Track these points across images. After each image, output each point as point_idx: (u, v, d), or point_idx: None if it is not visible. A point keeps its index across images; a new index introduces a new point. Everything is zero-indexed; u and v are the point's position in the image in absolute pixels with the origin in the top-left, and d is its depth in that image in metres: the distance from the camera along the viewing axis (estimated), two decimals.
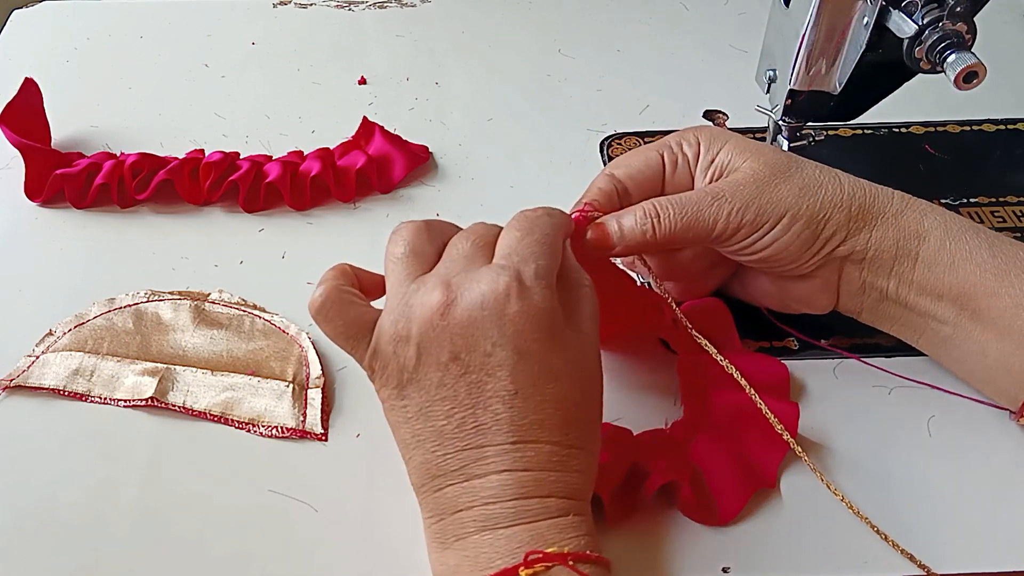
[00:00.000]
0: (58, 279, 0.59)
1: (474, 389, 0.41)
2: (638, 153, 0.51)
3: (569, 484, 0.41)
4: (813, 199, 0.48)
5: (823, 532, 0.47)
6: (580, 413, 0.42)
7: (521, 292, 0.40)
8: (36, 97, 0.67)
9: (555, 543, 0.39)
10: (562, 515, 0.40)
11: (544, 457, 0.41)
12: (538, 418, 0.41)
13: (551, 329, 0.41)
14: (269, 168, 0.63)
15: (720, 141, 0.50)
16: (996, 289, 0.47)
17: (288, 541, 0.46)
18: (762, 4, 0.58)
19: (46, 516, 0.47)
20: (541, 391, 0.41)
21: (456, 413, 0.41)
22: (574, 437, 0.41)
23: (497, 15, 0.83)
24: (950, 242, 0.48)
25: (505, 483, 0.40)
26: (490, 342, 0.40)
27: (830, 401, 0.52)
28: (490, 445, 0.41)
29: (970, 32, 0.49)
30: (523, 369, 0.40)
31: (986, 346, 0.48)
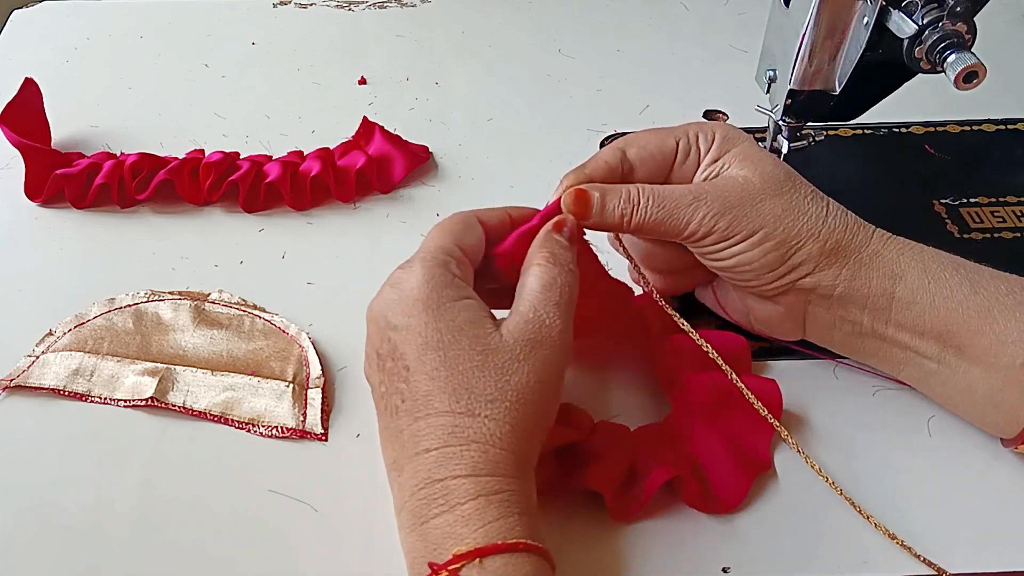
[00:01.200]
0: (58, 279, 0.59)
1: (391, 376, 0.42)
2: (656, 136, 0.50)
3: (467, 459, 0.40)
4: (792, 224, 0.47)
5: (823, 532, 0.47)
6: (471, 378, 0.41)
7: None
8: (36, 97, 0.67)
9: (460, 539, 0.38)
10: (466, 499, 0.39)
11: (439, 432, 0.41)
12: (428, 389, 0.41)
13: (428, 298, 0.42)
14: (269, 168, 0.63)
15: (732, 144, 0.50)
16: (980, 327, 0.46)
17: (288, 541, 0.46)
18: (762, 4, 0.58)
19: (46, 516, 0.47)
20: (427, 362, 0.41)
21: (388, 402, 0.43)
22: (465, 403, 0.41)
23: (497, 15, 0.83)
24: (929, 281, 0.47)
25: (415, 470, 0.41)
26: (388, 328, 0.43)
27: (830, 401, 0.52)
28: (404, 428, 0.41)
29: (970, 32, 0.49)
30: (409, 343, 0.42)
31: (973, 382, 0.47)
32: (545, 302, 0.43)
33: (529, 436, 0.42)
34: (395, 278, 0.44)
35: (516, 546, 0.38)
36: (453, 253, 0.45)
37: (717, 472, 0.48)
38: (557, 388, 0.44)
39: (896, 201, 0.64)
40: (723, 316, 0.54)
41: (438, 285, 0.43)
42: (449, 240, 0.45)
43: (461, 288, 0.44)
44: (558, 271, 0.44)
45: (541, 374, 0.42)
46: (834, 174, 0.66)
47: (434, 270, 0.43)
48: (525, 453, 0.42)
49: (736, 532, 0.47)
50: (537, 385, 0.42)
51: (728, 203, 0.47)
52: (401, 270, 0.44)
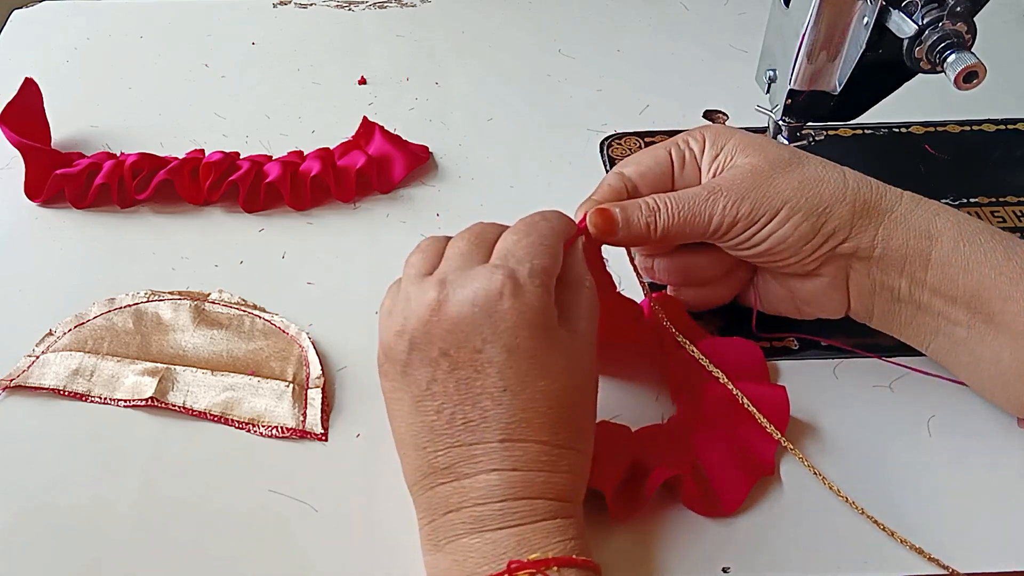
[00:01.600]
0: (58, 279, 0.59)
1: (463, 385, 0.41)
2: (647, 152, 0.51)
3: (558, 485, 0.41)
4: (813, 192, 0.47)
5: (823, 532, 0.47)
6: (570, 413, 0.42)
7: (514, 290, 0.41)
8: (36, 97, 0.67)
9: (541, 548, 0.39)
10: (550, 518, 0.40)
11: (532, 457, 0.41)
12: (527, 416, 0.41)
13: (543, 327, 0.41)
14: (269, 168, 0.63)
15: (724, 137, 0.50)
16: (1011, 292, 0.46)
17: (288, 541, 0.46)
18: (762, 4, 0.58)
19: (46, 516, 0.47)
20: (531, 389, 0.41)
21: (446, 409, 0.41)
22: (563, 437, 0.41)
23: (497, 15, 0.83)
24: (964, 244, 0.47)
25: (493, 484, 0.40)
26: (480, 338, 0.41)
27: (830, 401, 0.52)
28: (479, 443, 0.41)
29: (970, 32, 0.49)
30: (513, 366, 0.41)
31: (1000, 351, 0.47)
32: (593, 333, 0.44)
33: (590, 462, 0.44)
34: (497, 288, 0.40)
35: (588, 563, 0.40)
36: (553, 280, 0.43)
37: (718, 474, 0.48)
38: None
39: None
40: (769, 313, 0.54)
41: (551, 313, 0.42)
42: (552, 262, 0.43)
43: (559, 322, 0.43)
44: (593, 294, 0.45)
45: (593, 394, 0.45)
46: None
47: (546, 297, 0.41)
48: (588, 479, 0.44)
49: (736, 532, 0.47)
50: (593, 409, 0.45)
51: (744, 189, 0.47)
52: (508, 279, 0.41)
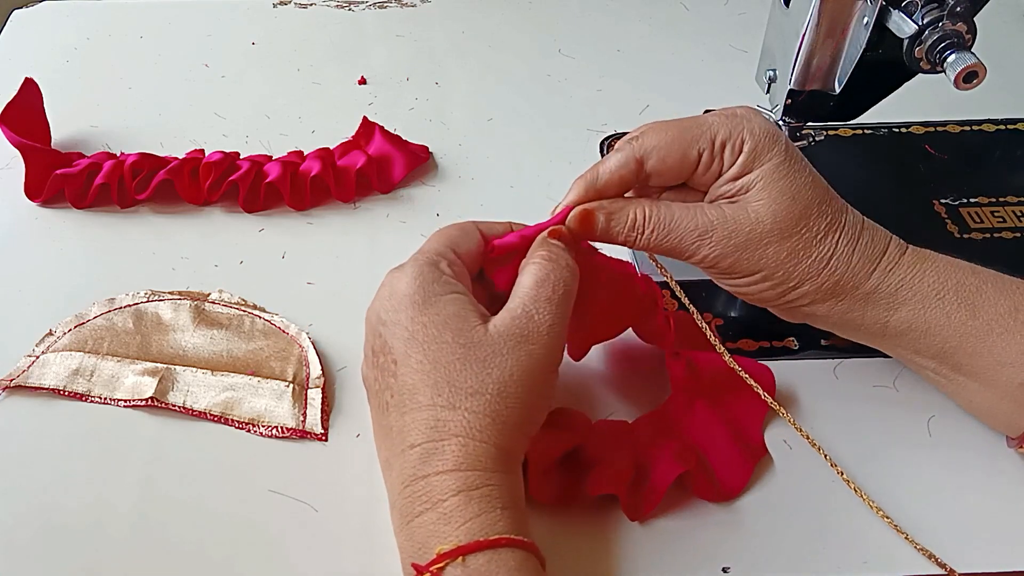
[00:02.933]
0: (58, 279, 0.59)
1: (382, 372, 0.43)
2: (677, 144, 0.47)
3: (449, 453, 0.40)
4: (792, 268, 0.47)
5: (823, 532, 0.47)
6: (452, 371, 0.41)
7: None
8: (36, 97, 0.67)
9: (443, 538, 0.39)
10: (447, 496, 0.39)
11: (423, 427, 0.41)
12: (412, 383, 0.41)
13: (415, 294, 0.43)
14: (269, 168, 0.63)
15: (758, 161, 0.46)
16: (977, 348, 0.46)
17: (288, 541, 0.46)
18: (762, 4, 0.58)
19: (46, 516, 0.47)
20: (412, 356, 0.42)
21: (380, 399, 0.43)
22: (447, 396, 0.41)
23: (497, 15, 0.83)
24: (925, 311, 0.46)
25: (401, 468, 0.41)
26: (380, 324, 0.43)
27: (830, 401, 0.52)
28: (393, 424, 0.42)
29: (970, 32, 0.49)
30: (396, 337, 0.42)
31: (972, 394, 0.48)
32: (536, 298, 0.43)
33: (513, 430, 0.42)
34: (388, 278, 0.45)
35: (498, 542, 0.38)
36: (445, 254, 0.45)
37: (720, 459, 0.48)
38: (545, 384, 0.43)
39: (896, 201, 0.64)
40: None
41: (426, 281, 0.43)
42: (443, 243, 0.45)
43: (449, 284, 0.44)
44: (552, 267, 0.44)
45: (526, 369, 0.42)
46: (834, 174, 0.66)
47: (423, 267, 0.44)
48: (509, 448, 0.42)
49: (736, 532, 0.47)
50: (521, 379, 0.42)
51: (734, 245, 0.46)
52: (395, 270, 0.45)
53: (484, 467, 0.40)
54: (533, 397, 0.43)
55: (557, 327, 0.43)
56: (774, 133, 0.47)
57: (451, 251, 0.45)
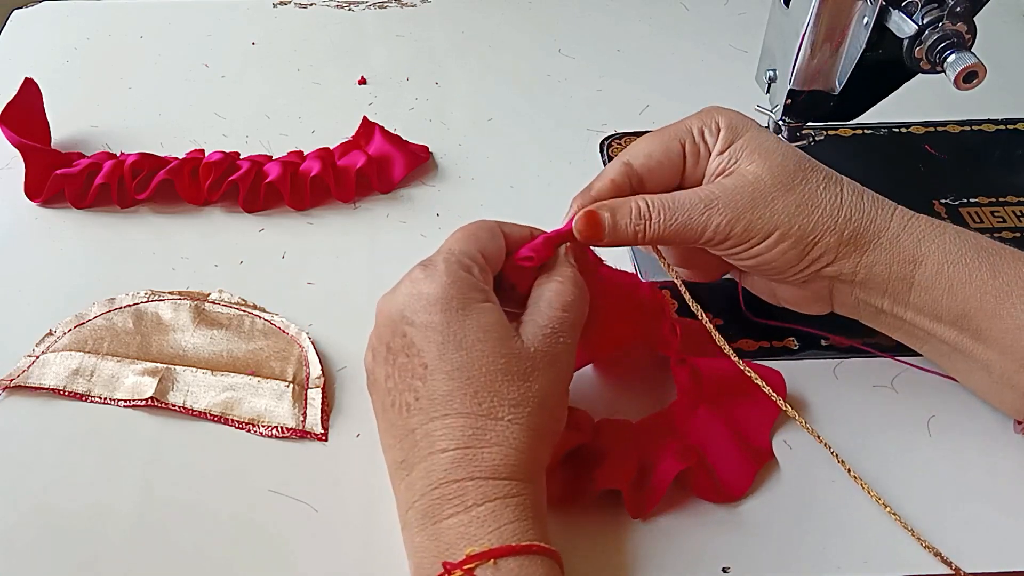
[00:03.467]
0: (58, 279, 0.59)
1: (403, 372, 0.42)
2: (660, 141, 0.49)
3: (486, 462, 0.40)
4: (807, 219, 0.47)
5: (823, 532, 0.46)
6: (491, 382, 0.41)
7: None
8: (36, 97, 0.67)
9: (476, 539, 0.39)
10: (482, 501, 0.39)
11: (458, 432, 0.41)
12: (448, 389, 0.41)
13: (451, 298, 0.42)
14: (269, 168, 0.63)
15: (737, 132, 0.48)
16: (997, 310, 0.46)
17: (288, 541, 0.46)
18: (762, 4, 0.58)
19: (46, 516, 0.47)
20: (448, 362, 0.41)
21: (397, 398, 0.42)
22: (487, 407, 0.41)
23: (497, 15, 0.83)
24: (948, 266, 0.47)
25: (428, 470, 0.41)
26: (405, 323, 0.43)
27: (830, 401, 0.52)
28: (418, 427, 0.41)
29: (970, 32, 0.49)
30: (429, 340, 0.42)
31: (989, 364, 0.47)
32: (563, 321, 0.44)
33: (543, 441, 0.43)
34: (416, 276, 0.44)
35: (530, 548, 0.39)
36: (476, 259, 0.45)
37: (722, 461, 0.48)
38: (567, 397, 0.45)
39: (896, 201, 0.64)
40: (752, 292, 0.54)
41: (463, 287, 0.43)
42: (474, 245, 0.45)
43: (485, 292, 0.44)
44: (578, 292, 0.45)
45: (557, 384, 0.43)
46: None
47: (458, 271, 0.43)
48: (540, 458, 0.42)
49: (736, 532, 0.47)
50: (556, 393, 0.43)
51: (740, 207, 0.47)
52: (423, 268, 0.44)
53: (519, 477, 0.41)
54: (561, 409, 0.44)
55: (575, 349, 0.45)
56: (744, 116, 0.50)
57: (480, 256, 0.45)
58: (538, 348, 0.43)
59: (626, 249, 0.60)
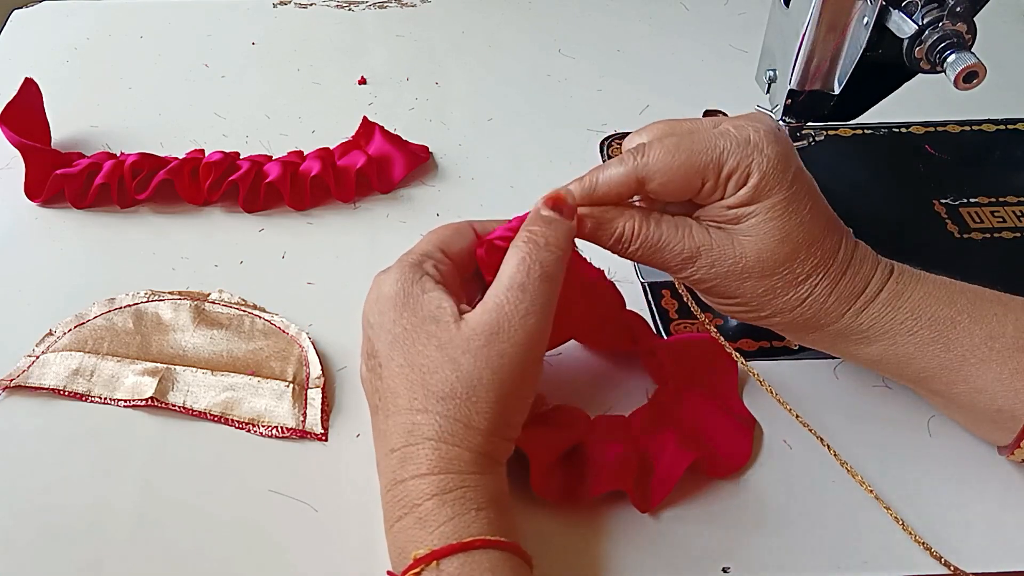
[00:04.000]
0: (58, 279, 0.59)
1: (372, 374, 0.43)
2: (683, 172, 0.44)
3: (421, 457, 0.40)
4: (768, 302, 0.46)
5: (823, 532, 0.46)
6: (424, 374, 0.41)
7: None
8: (36, 97, 0.67)
9: (419, 543, 0.38)
10: (422, 500, 0.39)
11: (401, 431, 0.41)
12: (392, 386, 0.41)
13: (399, 293, 0.42)
14: (269, 168, 0.63)
15: (762, 195, 0.44)
16: (952, 379, 0.46)
17: (288, 541, 0.46)
18: (762, 4, 0.58)
19: (46, 516, 0.47)
20: (393, 358, 0.42)
21: (371, 401, 0.44)
22: (421, 401, 0.41)
23: (497, 15, 0.83)
24: (898, 346, 0.46)
25: (384, 471, 0.41)
26: (368, 327, 0.44)
27: (830, 401, 0.52)
28: (381, 427, 0.42)
29: (970, 32, 0.49)
30: (381, 339, 0.42)
31: (952, 413, 0.49)
32: (509, 286, 0.41)
33: (487, 435, 0.41)
34: (376, 280, 0.44)
35: (472, 544, 0.38)
36: (432, 254, 0.44)
37: (720, 436, 0.49)
38: (522, 382, 0.42)
39: (896, 201, 0.64)
40: None
41: (407, 282, 0.43)
42: (432, 244, 0.45)
43: (430, 284, 0.43)
44: (529, 248, 0.42)
45: (496, 368, 0.40)
46: (834, 174, 0.66)
47: (406, 268, 0.43)
48: (485, 451, 0.41)
49: (736, 532, 0.46)
50: (492, 382, 0.40)
51: (715, 273, 0.46)
52: (382, 272, 0.45)
53: (458, 470, 0.40)
54: (509, 398, 0.41)
55: (533, 316, 0.41)
56: (784, 166, 0.44)
57: (439, 251, 0.45)
58: (474, 329, 0.40)
59: None
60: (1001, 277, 0.57)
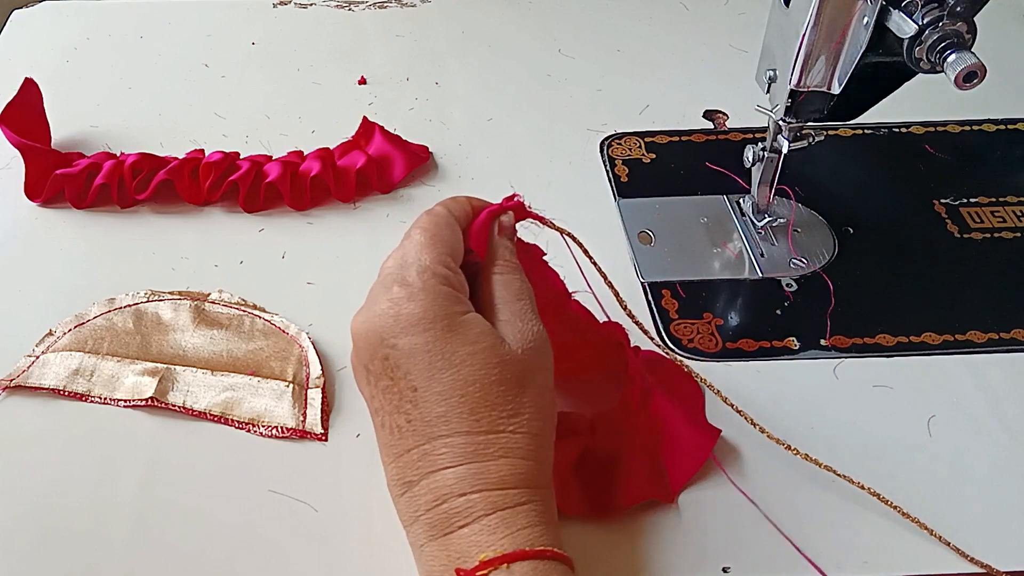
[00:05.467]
0: (58, 279, 0.59)
1: (389, 395, 0.41)
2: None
3: (494, 474, 0.40)
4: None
5: (823, 532, 0.46)
6: (487, 396, 0.40)
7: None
8: (36, 97, 0.67)
9: (488, 546, 0.38)
10: (492, 511, 0.39)
11: (459, 451, 0.40)
12: (442, 411, 0.40)
13: (434, 318, 0.41)
14: (269, 168, 0.63)
15: None
16: None
17: (288, 541, 0.46)
18: (762, 4, 0.58)
19: (46, 516, 0.47)
20: (438, 382, 0.40)
21: (385, 420, 0.42)
22: (487, 422, 0.40)
23: (497, 15, 0.83)
24: None
25: (431, 487, 0.40)
26: (386, 346, 0.41)
27: (830, 401, 0.52)
28: (414, 448, 0.41)
29: (970, 32, 0.49)
30: (416, 364, 0.40)
31: None
32: (523, 310, 0.43)
33: (547, 442, 0.42)
34: (393, 295, 0.41)
35: (543, 553, 0.38)
36: (451, 266, 0.43)
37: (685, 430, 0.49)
38: (554, 393, 0.44)
39: (896, 201, 0.64)
40: None
41: (445, 302, 0.41)
42: (444, 250, 0.43)
43: (465, 303, 0.42)
44: (520, 277, 0.44)
45: (547, 380, 0.42)
46: (834, 174, 0.66)
47: (439, 287, 0.41)
48: (545, 460, 0.42)
49: (736, 532, 0.47)
50: (545, 390, 0.42)
51: None
52: (399, 287, 0.42)
53: (528, 484, 0.40)
54: (554, 405, 0.43)
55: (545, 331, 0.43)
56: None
57: (452, 260, 0.43)
58: (524, 348, 0.42)
59: (625, 246, 0.61)
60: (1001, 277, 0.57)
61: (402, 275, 0.42)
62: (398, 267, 0.43)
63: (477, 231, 0.45)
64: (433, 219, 0.44)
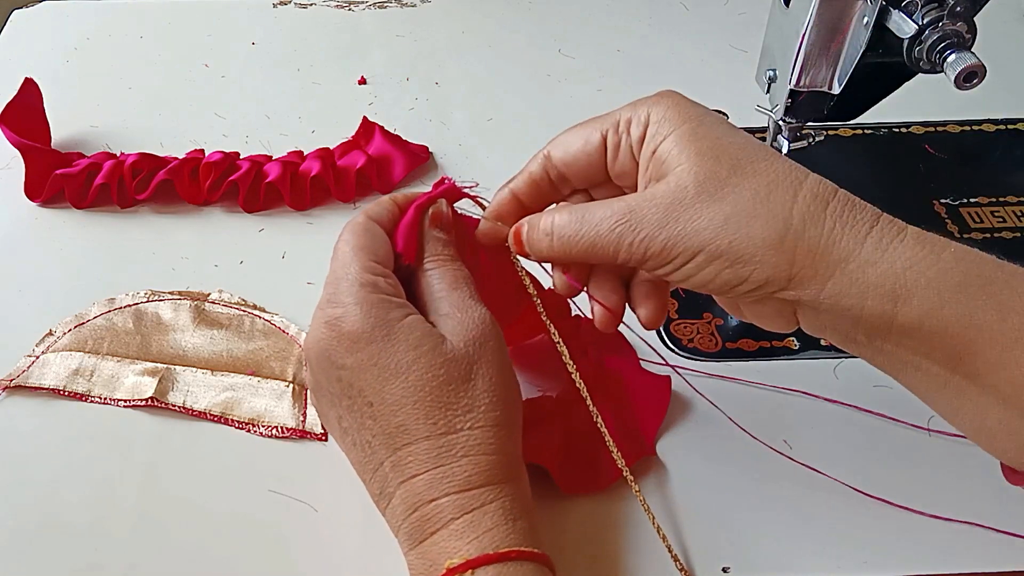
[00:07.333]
0: (58, 279, 0.59)
1: (352, 413, 0.41)
2: (581, 131, 0.44)
3: (459, 475, 0.39)
4: (738, 235, 0.38)
5: (823, 532, 0.46)
6: (442, 397, 0.40)
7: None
8: (36, 97, 0.67)
9: (453, 553, 0.38)
10: (460, 514, 0.39)
11: (423, 457, 0.40)
12: (400, 421, 0.40)
13: (372, 328, 0.40)
14: (269, 168, 0.63)
15: (667, 127, 0.40)
16: (1002, 359, 0.36)
17: (288, 541, 0.46)
18: (762, 4, 0.58)
19: (46, 516, 0.47)
20: (390, 393, 0.40)
21: (356, 438, 0.41)
22: (444, 424, 0.40)
23: (497, 15, 0.83)
24: (942, 304, 0.36)
25: (404, 497, 0.40)
26: (336, 367, 0.41)
27: (830, 401, 0.52)
28: (384, 460, 0.40)
29: (970, 32, 0.49)
30: (366, 378, 0.40)
31: (986, 409, 0.38)
32: (461, 299, 0.42)
33: (510, 431, 0.41)
34: (329, 316, 0.41)
35: (508, 555, 0.38)
36: (376, 270, 0.42)
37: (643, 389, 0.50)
38: (512, 372, 0.43)
39: (896, 201, 0.64)
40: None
41: (379, 311, 0.40)
42: (367, 257, 0.42)
43: (402, 306, 0.41)
44: (455, 267, 0.43)
45: (498, 366, 0.41)
46: (834, 174, 0.66)
47: (367, 297, 0.40)
48: (512, 451, 0.41)
49: (736, 532, 0.47)
50: (499, 378, 0.41)
51: (656, 222, 0.39)
52: (332, 307, 0.41)
53: (494, 480, 0.40)
54: (513, 390, 0.42)
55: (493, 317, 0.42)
56: (684, 104, 0.41)
57: (378, 264, 0.42)
58: (466, 339, 0.41)
59: None
60: None
61: (335, 293, 0.41)
62: (330, 286, 0.42)
63: (405, 230, 0.44)
64: (353, 228, 0.43)
